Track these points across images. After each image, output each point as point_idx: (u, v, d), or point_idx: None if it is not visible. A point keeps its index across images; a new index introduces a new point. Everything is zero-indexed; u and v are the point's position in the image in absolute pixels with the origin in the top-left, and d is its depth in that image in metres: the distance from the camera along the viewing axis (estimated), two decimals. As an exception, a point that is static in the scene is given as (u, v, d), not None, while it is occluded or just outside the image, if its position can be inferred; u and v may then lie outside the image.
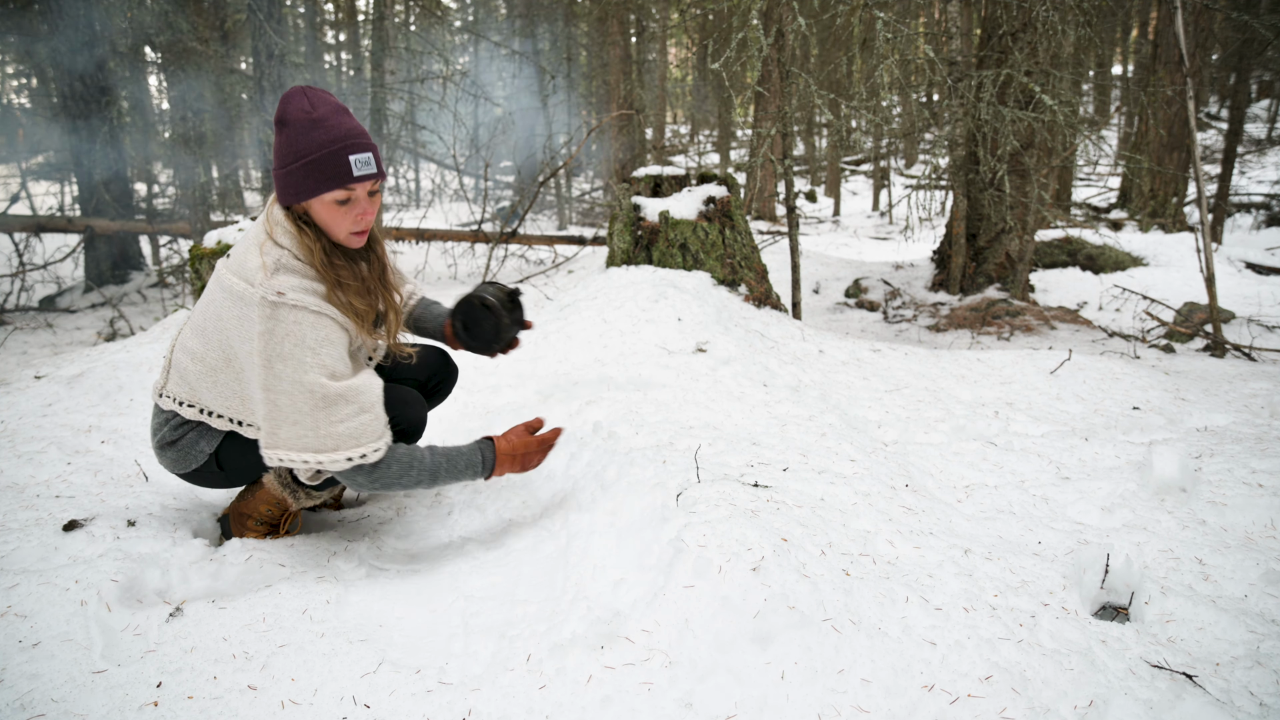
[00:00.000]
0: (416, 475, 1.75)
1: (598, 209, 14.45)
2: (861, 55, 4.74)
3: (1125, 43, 19.92)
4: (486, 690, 1.39)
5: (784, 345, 3.58)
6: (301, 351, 1.61)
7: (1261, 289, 7.04)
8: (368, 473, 1.70)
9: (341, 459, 1.65)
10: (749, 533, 1.65)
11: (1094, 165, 15.69)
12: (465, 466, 1.84)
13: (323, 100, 1.65)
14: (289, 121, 1.63)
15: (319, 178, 1.62)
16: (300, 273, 1.67)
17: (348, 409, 1.65)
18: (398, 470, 1.73)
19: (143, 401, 2.87)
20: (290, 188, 1.65)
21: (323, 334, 1.64)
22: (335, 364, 1.65)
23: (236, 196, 13.65)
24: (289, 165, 1.63)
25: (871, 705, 1.31)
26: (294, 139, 1.62)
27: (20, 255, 8.06)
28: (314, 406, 1.62)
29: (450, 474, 1.82)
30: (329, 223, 1.69)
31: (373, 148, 1.68)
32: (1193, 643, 1.50)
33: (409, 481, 1.75)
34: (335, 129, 1.62)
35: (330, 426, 1.63)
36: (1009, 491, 2.24)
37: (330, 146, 1.61)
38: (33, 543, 1.74)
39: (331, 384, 1.63)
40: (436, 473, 1.79)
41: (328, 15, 16.45)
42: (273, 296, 1.59)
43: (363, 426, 1.66)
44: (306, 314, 1.62)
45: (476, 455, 1.87)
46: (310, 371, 1.61)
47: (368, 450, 1.67)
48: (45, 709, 1.29)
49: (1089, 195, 14.10)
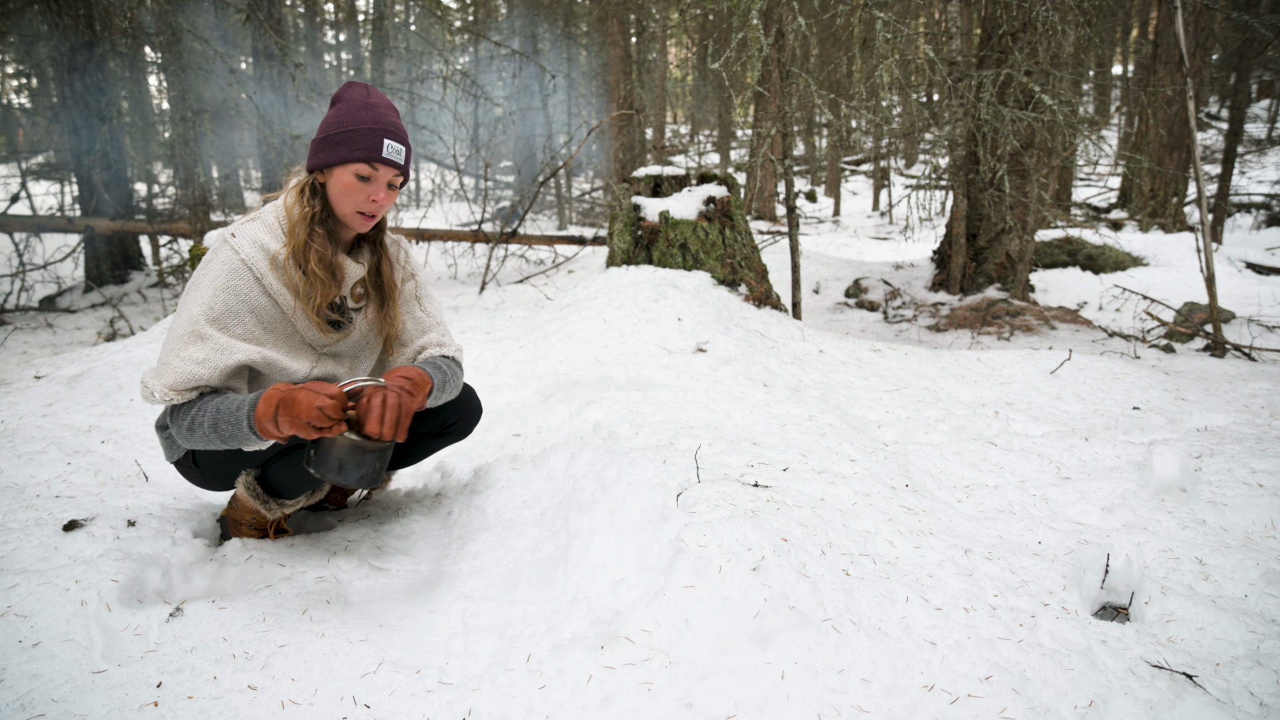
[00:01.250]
0: (196, 417, 1.61)
1: (598, 209, 14.45)
2: (861, 55, 4.74)
3: (1125, 43, 19.92)
4: (486, 690, 1.39)
5: (784, 345, 3.58)
6: (207, 286, 1.65)
7: (1261, 289, 7.04)
8: (170, 415, 1.65)
9: (160, 388, 1.60)
10: (749, 533, 1.65)
11: (1094, 165, 15.70)
12: (237, 405, 1.59)
13: (380, 96, 1.78)
14: (344, 99, 1.74)
15: (351, 147, 1.70)
16: (267, 227, 1.73)
17: (197, 352, 1.61)
18: (192, 413, 1.61)
19: (143, 401, 2.87)
20: (322, 152, 1.73)
21: (233, 283, 1.66)
22: (224, 314, 1.64)
23: (236, 196, 13.66)
24: (329, 132, 1.72)
25: (872, 705, 1.31)
26: (343, 113, 1.72)
27: (20, 255, 8.06)
28: (178, 335, 1.62)
29: (224, 422, 1.58)
30: (342, 193, 1.74)
31: (408, 145, 1.79)
32: (1193, 643, 1.50)
33: (188, 422, 1.61)
34: (383, 117, 1.73)
35: (171, 356, 1.61)
36: (1009, 491, 2.24)
37: (372, 124, 1.71)
38: (33, 543, 1.74)
39: (204, 324, 1.62)
40: (216, 414, 1.60)
41: (328, 15, 16.45)
42: (228, 235, 1.68)
43: (188, 370, 1.60)
44: (235, 259, 1.66)
45: (246, 402, 1.59)
46: (196, 306, 1.64)
47: (172, 392, 1.60)
48: (45, 709, 1.29)
49: (1089, 195, 14.10)
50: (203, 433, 1.61)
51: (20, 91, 14.68)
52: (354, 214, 1.75)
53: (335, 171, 1.72)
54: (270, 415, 1.52)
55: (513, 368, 3.23)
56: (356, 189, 1.72)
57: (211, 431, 1.60)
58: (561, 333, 3.43)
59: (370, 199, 1.73)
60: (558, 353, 3.26)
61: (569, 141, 10.01)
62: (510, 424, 2.78)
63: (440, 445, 2.08)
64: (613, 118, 11.96)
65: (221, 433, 1.59)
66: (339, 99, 1.75)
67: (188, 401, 1.64)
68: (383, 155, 1.71)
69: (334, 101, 1.76)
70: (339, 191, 1.73)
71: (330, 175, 1.73)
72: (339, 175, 1.72)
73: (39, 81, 10.67)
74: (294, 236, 1.71)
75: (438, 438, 2.05)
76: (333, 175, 1.72)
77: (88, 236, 8.40)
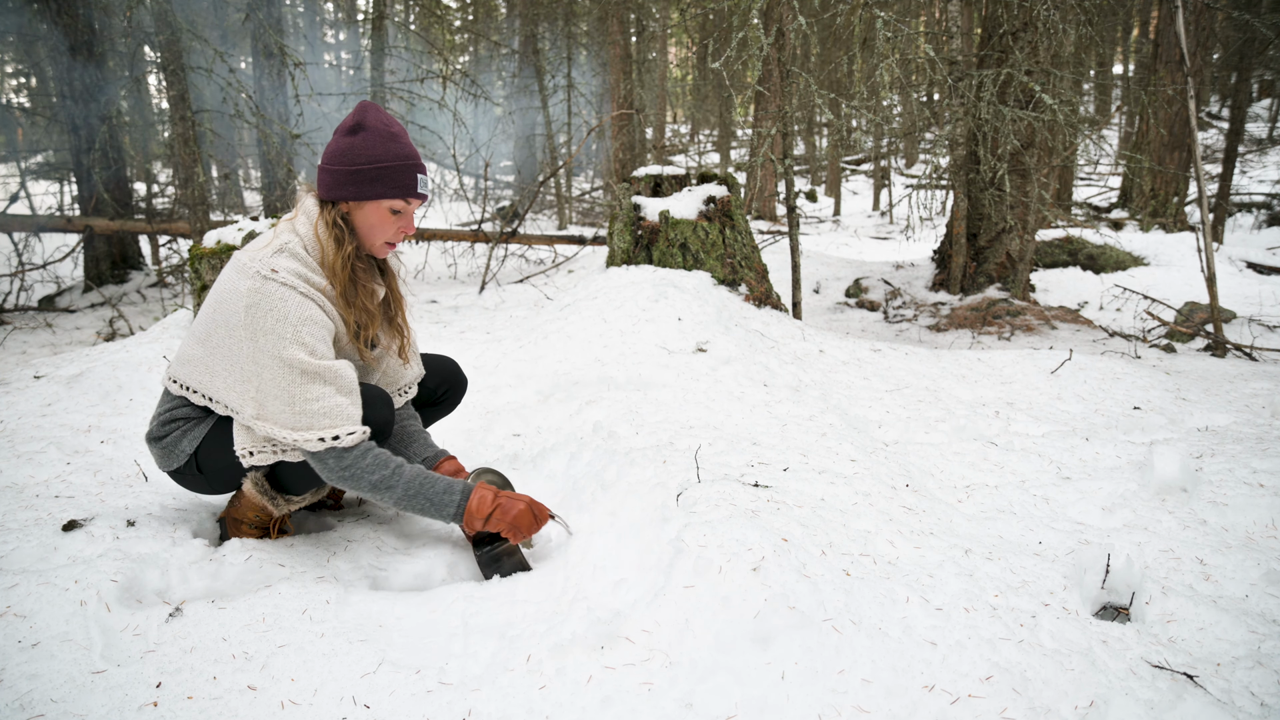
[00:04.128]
0: (387, 477, 1.71)
1: (598, 209, 14.45)
2: (862, 54, 4.74)
3: (1126, 42, 19.92)
4: (486, 690, 1.39)
5: (784, 345, 3.58)
6: (283, 327, 1.64)
7: (1262, 288, 7.04)
8: (338, 456, 1.68)
9: (314, 438, 1.65)
10: (749, 533, 1.65)
11: (1095, 165, 15.69)
12: (443, 490, 1.76)
13: (395, 121, 1.80)
14: (368, 127, 1.74)
15: (388, 184, 1.74)
16: (301, 260, 1.73)
17: (324, 389, 1.66)
18: (371, 463, 1.70)
19: (142, 401, 2.87)
20: (351, 185, 1.74)
21: (306, 313, 1.67)
22: (316, 343, 1.67)
23: (236, 196, 13.65)
24: (358, 165, 1.73)
25: (872, 705, 1.30)
26: (371, 144, 1.73)
27: (20, 255, 8.05)
28: (290, 382, 1.64)
29: (421, 496, 1.74)
30: (373, 226, 1.78)
31: (426, 175, 1.85)
32: (1194, 643, 1.50)
33: (378, 479, 1.70)
34: (407, 147, 1.77)
35: (305, 404, 1.65)
36: (1009, 491, 2.24)
37: (405, 161, 1.75)
38: (32, 543, 1.74)
39: (310, 360, 1.65)
40: (410, 486, 1.73)
41: (328, 15, 16.44)
42: (266, 272, 1.66)
43: (338, 408, 1.67)
44: (293, 293, 1.67)
45: (458, 486, 1.77)
46: (289, 346, 1.64)
47: (341, 432, 1.67)
48: (45, 709, 1.29)
49: (1090, 195, 14.09)
50: (382, 481, 1.71)
51: (20, 91, 14.68)
52: (383, 245, 1.83)
53: (367, 205, 1.76)
54: (485, 515, 1.76)
55: (512, 368, 3.23)
56: (390, 223, 1.79)
57: (402, 500, 1.73)
58: (561, 333, 3.43)
59: (399, 230, 1.81)
60: (558, 352, 3.26)
61: (569, 141, 10.00)
62: (510, 424, 2.77)
63: (432, 418, 2.24)
64: (613, 117, 11.96)
65: (413, 504, 1.74)
66: (361, 126, 1.75)
67: (365, 448, 1.69)
68: (416, 192, 1.78)
69: (355, 129, 1.75)
70: (370, 225, 1.78)
71: (361, 208, 1.77)
72: (371, 209, 1.77)
73: (39, 81, 10.67)
74: (337, 276, 1.76)
75: (429, 407, 2.21)
76: (363, 208, 1.77)
77: (87, 236, 8.40)
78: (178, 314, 3.88)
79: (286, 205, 7.79)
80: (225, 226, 3.68)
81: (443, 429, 2.76)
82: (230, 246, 3.53)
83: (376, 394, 1.84)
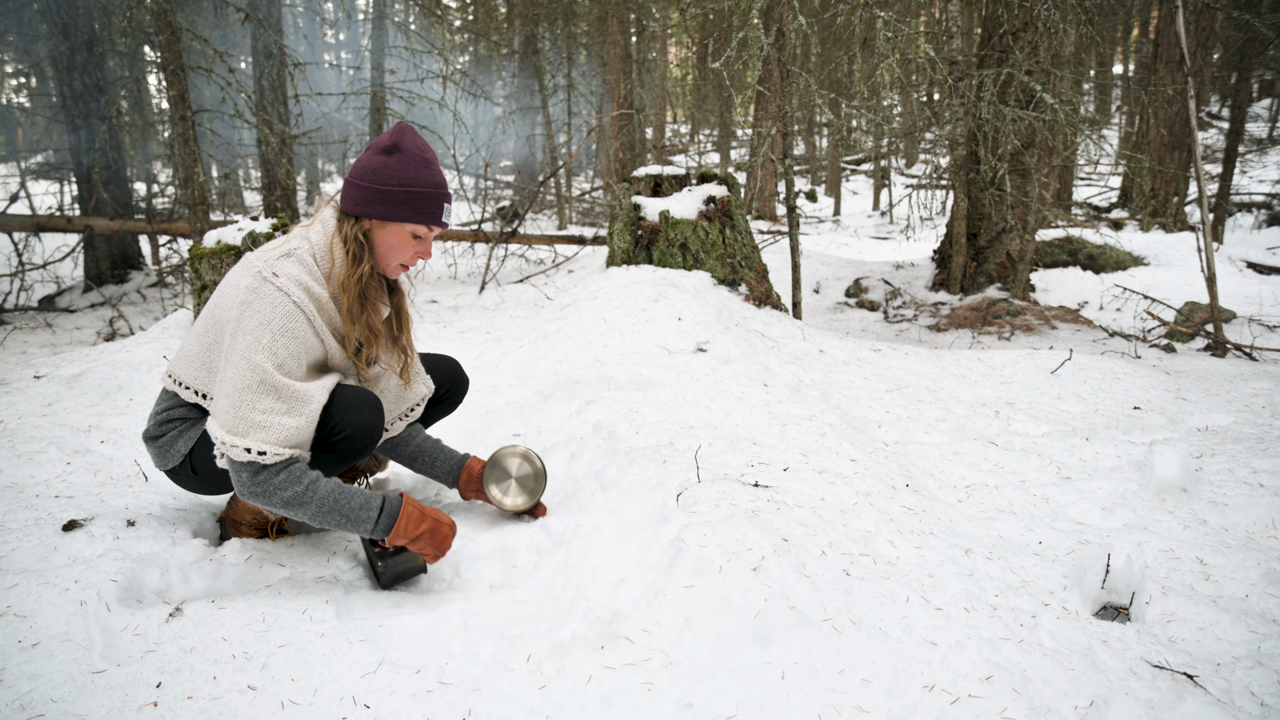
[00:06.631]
0: (300, 494, 1.64)
1: (598, 209, 14.44)
2: (862, 54, 4.74)
3: (1126, 42, 19.92)
4: (486, 690, 1.39)
5: (784, 345, 3.57)
6: (262, 331, 1.63)
7: (1262, 288, 7.03)
8: (254, 472, 1.62)
9: (241, 445, 1.60)
10: (749, 533, 1.65)
11: (1095, 164, 15.69)
12: (359, 506, 1.70)
13: (429, 148, 1.81)
14: (404, 149, 1.75)
15: (416, 208, 1.75)
16: (306, 268, 1.72)
17: (275, 403, 1.62)
18: (284, 479, 1.63)
19: (142, 401, 2.87)
20: (378, 204, 1.74)
21: (290, 326, 1.66)
22: (287, 358, 1.65)
23: (236, 196, 13.66)
24: (390, 185, 1.73)
25: (872, 705, 1.30)
26: (405, 167, 1.74)
27: (20, 255, 8.05)
28: (246, 385, 1.61)
29: (336, 512, 1.68)
30: (392, 247, 1.79)
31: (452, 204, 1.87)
32: (1194, 643, 1.50)
33: (290, 495, 1.64)
34: (439, 175, 1.79)
35: (249, 411, 1.61)
36: (1010, 491, 2.24)
37: (435, 188, 1.76)
38: (32, 543, 1.74)
39: (273, 372, 1.62)
40: (324, 502, 1.67)
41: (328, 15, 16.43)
42: (268, 273, 1.66)
43: (278, 426, 1.62)
44: (286, 301, 1.65)
45: (375, 501, 1.72)
46: (260, 352, 1.62)
47: (269, 449, 1.60)
48: (45, 709, 1.29)
49: (1090, 195, 14.09)
50: (307, 513, 1.67)
51: (20, 91, 14.68)
52: (398, 266, 1.83)
53: (390, 226, 1.77)
54: (412, 536, 1.74)
55: (513, 367, 3.23)
56: (409, 246, 1.80)
57: (317, 516, 1.68)
58: (561, 332, 3.43)
59: (417, 254, 1.82)
60: (558, 352, 3.26)
61: (569, 141, 10.00)
62: (510, 424, 2.77)
63: (433, 417, 2.24)
64: (613, 117, 11.96)
65: (329, 520, 1.69)
66: (397, 147, 1.74)
67: (281, 465, 1.63)
68: (441, 220, 1.79)
69: (391, 149, 1.74)
70: (390, 245, 1.79)
71: (384, 227, 1.77)
72: (394, 230, 1.77)
73: (39, 81, 10.66)
74: (346, 292, 1.75)
75: (431, 406, 2.21)
76: (386, 228, 1.77)
77: (87, 236, 8.40)
78: (178, 314, 3.88)
79: (286, 205, 7.79)
80: (225, 226, 3.68)
81: (443, 429, 2.75)
82: (230, 246, 3.53)
83: (365, 398, 1.80)
